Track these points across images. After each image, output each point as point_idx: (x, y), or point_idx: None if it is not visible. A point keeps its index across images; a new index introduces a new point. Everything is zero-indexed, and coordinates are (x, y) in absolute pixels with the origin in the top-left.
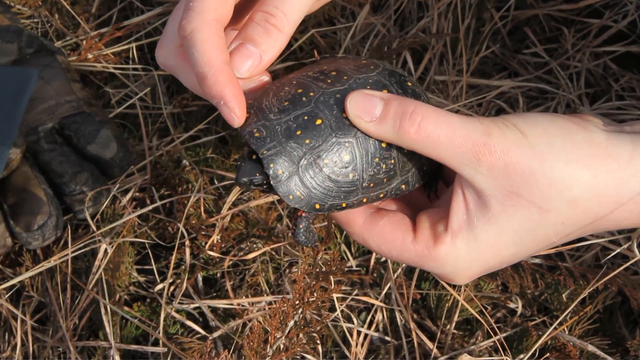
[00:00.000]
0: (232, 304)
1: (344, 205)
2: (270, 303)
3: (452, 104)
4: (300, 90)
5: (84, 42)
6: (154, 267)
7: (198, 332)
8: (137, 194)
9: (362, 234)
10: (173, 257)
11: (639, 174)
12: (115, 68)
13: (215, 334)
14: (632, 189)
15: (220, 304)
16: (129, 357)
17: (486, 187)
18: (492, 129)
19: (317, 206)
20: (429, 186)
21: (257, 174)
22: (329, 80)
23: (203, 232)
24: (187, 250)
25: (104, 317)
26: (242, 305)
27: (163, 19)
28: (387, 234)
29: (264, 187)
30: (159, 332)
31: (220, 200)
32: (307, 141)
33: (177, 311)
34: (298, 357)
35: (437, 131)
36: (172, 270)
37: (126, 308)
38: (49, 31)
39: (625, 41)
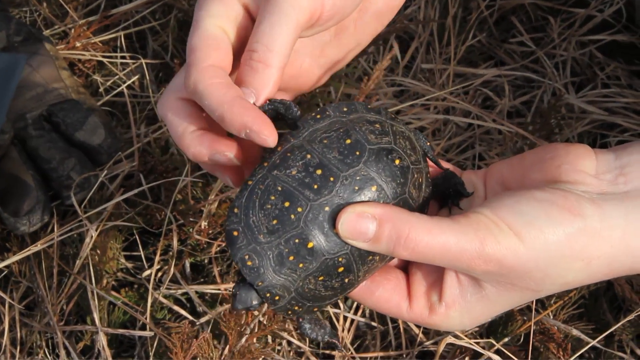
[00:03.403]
0: (219, 290)
1: (340, 297)
2: None
3: (439, 91)
4: (287, 204)
5: (72, 30)
6: (141, 253)
7: (185, 318)
8: (125, 181)
9: (358, 299)
10: (160, 243)
11: (630, 252)
12: (103, 56)
13: (203, 320)
14: (621, 264)
15: (208, 289)
16: (116, 342)
17: (480, 278)
18: (486, 239)
19: (316, 309)
20: (447, 202)
21: (254, 302)
22: (315, 186)
23: (191, 219)
24: (175, 236)
25: (91, 302)
26: (229, 291)
27: (151, 8)
28: (383, 302)
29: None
30: (146, 317)
31: (207, 187)
32: (301, 265)
33: (165, 297)
34: (284, 341)
35: (431, 252)
36: (160, 256)
37: (114, 293)
38: (37, 20)
39: (610, 30)
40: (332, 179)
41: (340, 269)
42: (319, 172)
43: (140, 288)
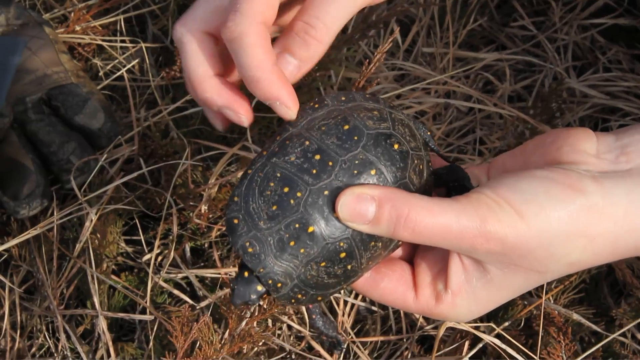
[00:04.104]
0: (219, 274)
1: (345, 286)
2: None
3: (440, 75)
4: (286, 190)
5: (72, 14)
6: (141, 237)
7: (186, 302)
8: (125, 165)
9: (363, 292)
10: (160, 227)
11: (633, 230)
12: (103, 40)
13: (203, 304)
14: (625, 243)
15: (208, 273)
16: (116, 326)
17: (483, 259)
18: (487, 217)
19: (320, 298)
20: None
21: (252, 296)
22: (314, 171)
23: (191, 203)
24: (175, 220)
25: (91, 286)
26: (230, 275)
27: None
28: (389, 295)
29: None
30: (146, 301)
31: (207, 172)
32: (302, 250)
33: (165, 281)
34: (284, 325)
35: (432, 232)
36: (160, 240)
37: (114, 277)
38: (36, 3)
39: (612, 14)
40: (330, 163)
41: (342, 255)
42: (317, 157)
43: (141, 272)
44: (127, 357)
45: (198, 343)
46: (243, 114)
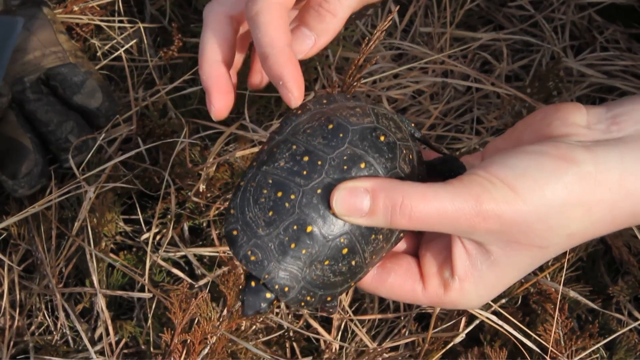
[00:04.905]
0: (217, 252)
1: (352, 284)
2: None
3: (437, 54)
4: (280, 194)
5: None
6: (140, 216)
7: (184, 280)
8: (123, 144)
9: (371, 290)
10: (158, 205)
11: (629, 196)
12: (101, 20)
13: (201, 282)
14: (622, 210)
15: (206, 252)
16: (115, 304)
17: (484, 240)
18: (481, 195)
19: (329, 298)
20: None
21: (262, 304)
22: (305, 172)
23: (189, 182)
24: (173, 198)
25: (90, 264)
26: (228, 254)
27: None
28: (397, 288)
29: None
30: (144, 279)
31: (205, 151)
32: (304, 251)
33: (164, 259)
34: (282, 304)
35: (428, 217)
36: (158, 219)
37: (112, 256)
38: None
39: None
40: (319, 162)
41: (345, 250)
42: (306, 159)
43: (139, 251)
44: (125, 335)
45: (196, 320)
46: (214, 105)
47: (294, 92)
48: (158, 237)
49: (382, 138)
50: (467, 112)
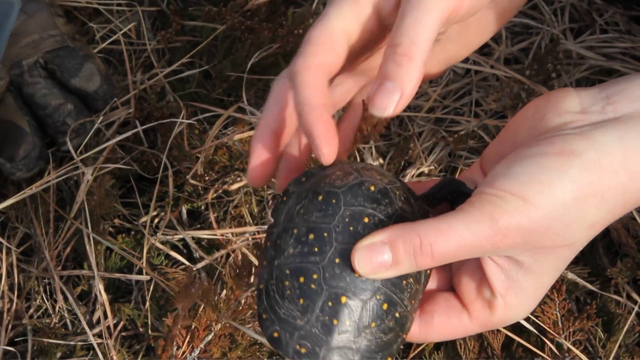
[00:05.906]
0: (215, 235)
1: (404, 336)
2: (253, 234)
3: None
4: (302, 279)
5: None
6: (138, 199)
7: (182, 263)
8: (121, 128)
9: (422, 339)
10: (156, 188)
11: (635, 174)
12: (99, 4)
13: (199, 265)
14: (632, 192)
15: (204, 234)
16: (113, 287)
17: (511, 254)
18: (494, 213)
19: (389, 359)
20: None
21: None
22: (316, 249)
23: (187, 165)
24: (171, 181)
25: (88, 247)
26: (226, 236)
27: None
28: (445, 328)
29: None
30: (142, 262)
31: (203, 134)
32: (347, 322)
33: (162, 242)
34: None
35: (449, 250)
36: (156, 202)
37: (110, 239)
38: None
39: None
40: (325, 234)
41: (385, 306)
42: (311, 237)
43: (137, 234)
44: (123, 318)
45: (196, 304)
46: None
47: (323, 149)
48: (156, 220)
49: (372, 188)
50: (466, 95)
